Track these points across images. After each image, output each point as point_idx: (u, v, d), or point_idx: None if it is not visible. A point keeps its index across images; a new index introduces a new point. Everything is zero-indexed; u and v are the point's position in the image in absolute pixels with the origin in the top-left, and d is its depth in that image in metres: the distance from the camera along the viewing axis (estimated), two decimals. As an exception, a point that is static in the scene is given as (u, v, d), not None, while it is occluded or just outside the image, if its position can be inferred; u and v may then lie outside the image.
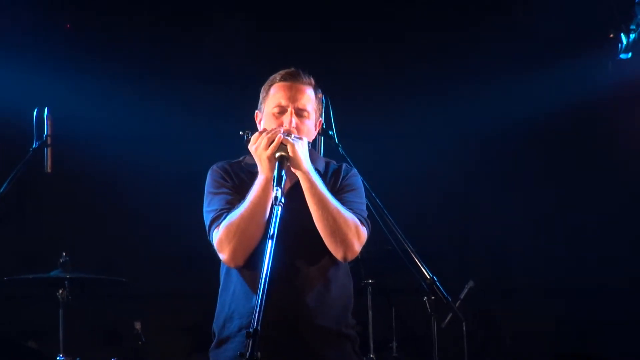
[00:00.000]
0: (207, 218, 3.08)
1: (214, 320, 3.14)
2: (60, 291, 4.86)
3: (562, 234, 6.29)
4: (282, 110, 3.09)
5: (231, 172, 3.15)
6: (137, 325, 5.43)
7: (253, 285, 2.67)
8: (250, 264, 2.98)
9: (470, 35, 6.21)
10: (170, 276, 6.02)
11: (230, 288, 3.08)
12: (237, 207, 2.98)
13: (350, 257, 3.05)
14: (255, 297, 2.61)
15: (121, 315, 5.70)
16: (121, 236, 6.05)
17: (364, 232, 3.06)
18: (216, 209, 3.05)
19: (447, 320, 5.10)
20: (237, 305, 3.04)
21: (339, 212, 2.97)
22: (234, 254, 2.99)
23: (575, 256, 6.20)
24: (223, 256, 3.03)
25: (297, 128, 3.06)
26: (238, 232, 2.95)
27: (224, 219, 2.99)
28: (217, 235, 3.01)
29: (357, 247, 3.03)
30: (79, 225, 6.01)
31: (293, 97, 3.09)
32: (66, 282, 4.86)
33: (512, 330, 6.20)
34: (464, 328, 4.90)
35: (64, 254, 4.91)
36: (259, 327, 2.51)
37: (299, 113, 3.09)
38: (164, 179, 6.02)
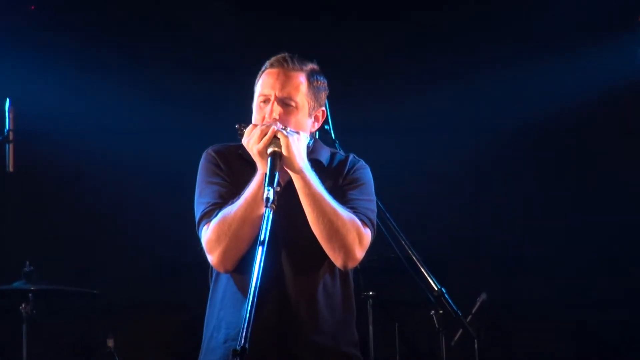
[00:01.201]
0: (198, 210, 3.06)
1: (204, 329, 3.11)
2: (24, 304, 4.85)
3: (586, 239, 6.25)
4: (266, 100, 3.06)
5: (228, 157, 3.14)
6: (110, 342, 5.43)
7: (244, 291, 2.68)
8: (241, 268, 2.95)
9: (480, 23, 6.21)
10: (148, 287, 5.98)
11: (219, 294, 3.06)
12: (231, 204, 2.95)
13: (351, 264, 3.01)
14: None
15: (92, 331, 5.67)
16: (92, 243, 6.02)
17: (366, 234, 3.02)
18: (208, 202, 3.03)
19: (456, 337, 5.07)
20: (226, 313, 3.02)
21: (336, 213, 2.93)
22: (223, 257, 2.96)
23: (600, 264, 6.17)
24: (212, 258, 3.00)
25: (282, 120, 3.01)
26: (229, 233, 2.93)
27: (215, 215, 2.97)
28: (206, 235, 2.99)
29: (359, 253, 3.00)
30: (45, 231, 5.97)
31: (276, 85, 3.06)
32: (30, 295, 4.88)
33: (529, 347, 6.18)
34: (475, 346, 4.88)
35: (27, 263, 4.90)
36: (246, 345, 2.46)
37: (284, 102, 3.05)
38: (141, 179, 5.98)
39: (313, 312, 2.99)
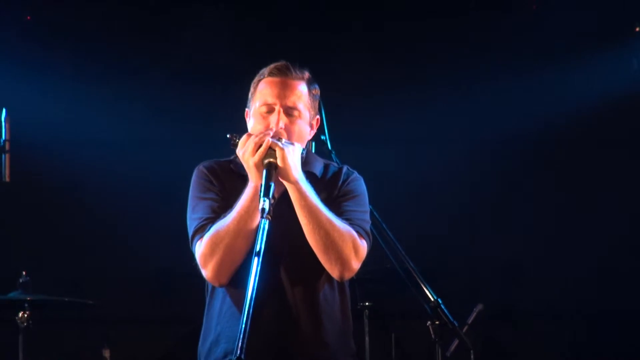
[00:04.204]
0: (191, 227, 3.08)
1: (200, 344, 3.13)
2: (20, 314, 4.83)
3: (583, 252, 6.25)
4: (270, 109, 3.09)
5: (219, 173, 3.15)
6: (106, 353, 5.40)
7: (241, 305, 2.67)
8: (238, 281, 2.96)
9: (477, 34, 6.20)
10: (144, 298, 5.98)
11: (216, 308, 3.07)
12: (223, 217, 2.97)
13: (348, 275, 3.04)
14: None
15: (88, 341, 5.62)
16: (89, 253, 6.00)
17: (362, 246, 3.04)
18: (200, 217, 3.05)
19: (452, 348, 5.07)
20: (224, 327, 3.03)
21: (332, 224, 2.96)
22: (217, 271, 2.98)
23: (598, 277, 6.16)
24: (206, 273, 3.02)
25: (286, 129, 3.04)
26: (222, 246, 2.94)
27: (209, 230, 2.98)
28: (199, 249, 3.00)
29: (355, 264, 3.02)
30: (41, 241, 5.95)
31: (281, 95, 3.09)
32: (26, 305, 4.83)
33: (525, 358, 6.17)
34: (471, 356, 4.88)
35: (24, 273, 4.89)
36: (242, 356, 2.48)
37: (288, 112, 3.08)
38: (138, 189, 5.97)
39: (313, 323, 3.02)
